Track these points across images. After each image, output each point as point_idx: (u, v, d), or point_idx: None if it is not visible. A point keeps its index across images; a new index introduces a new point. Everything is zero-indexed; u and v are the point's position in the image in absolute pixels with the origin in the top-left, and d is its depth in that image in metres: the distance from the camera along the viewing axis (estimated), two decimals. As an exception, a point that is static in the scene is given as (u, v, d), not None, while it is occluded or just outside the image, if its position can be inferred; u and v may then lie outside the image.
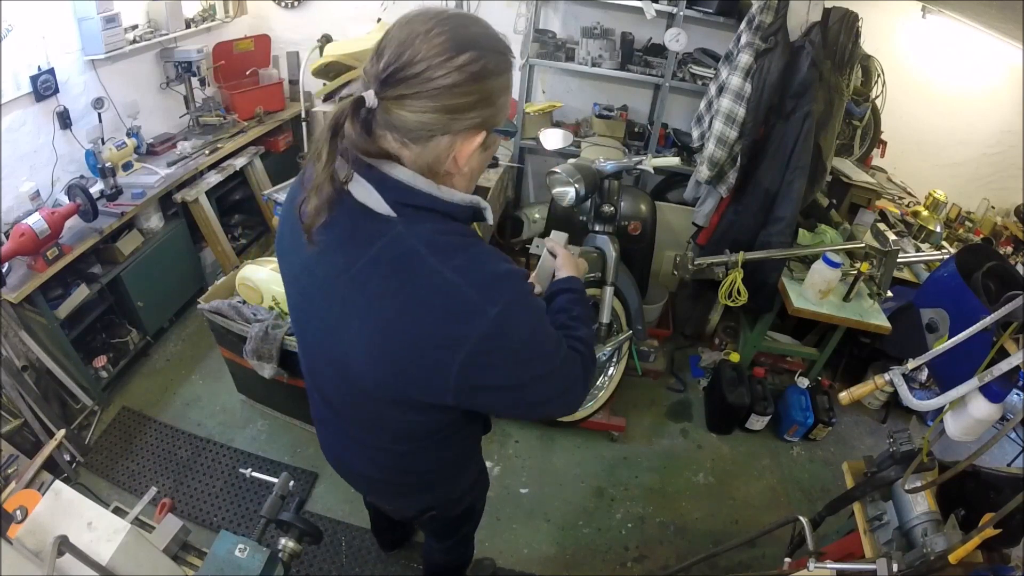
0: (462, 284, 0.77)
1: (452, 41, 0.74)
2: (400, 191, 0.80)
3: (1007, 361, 1.25)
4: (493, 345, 0.80)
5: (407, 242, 0.79)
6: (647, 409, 2.97)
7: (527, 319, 0.84)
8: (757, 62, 2.42)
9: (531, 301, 0.86)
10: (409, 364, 0.82)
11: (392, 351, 0.82)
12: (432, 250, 0.78)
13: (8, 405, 2.17)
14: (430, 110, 0.75)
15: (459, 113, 0.76)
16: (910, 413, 3.10)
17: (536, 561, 2.26)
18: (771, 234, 2.58)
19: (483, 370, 0.82)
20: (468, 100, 0.76)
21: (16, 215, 2.31)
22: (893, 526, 1.54)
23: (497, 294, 0.79)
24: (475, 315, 0.77)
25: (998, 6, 2.30)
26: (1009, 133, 3.29)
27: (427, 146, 0.79)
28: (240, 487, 2.36)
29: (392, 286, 0.79)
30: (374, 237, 0.80)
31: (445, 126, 0.77)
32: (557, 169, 1.92)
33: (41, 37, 2.41)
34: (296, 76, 3.71)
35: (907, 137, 3.45)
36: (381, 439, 1.07)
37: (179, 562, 1.33)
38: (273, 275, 2.32)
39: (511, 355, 0.82)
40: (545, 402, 0.93)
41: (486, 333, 0.78)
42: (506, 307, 0.79)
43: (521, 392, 0.88)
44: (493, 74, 0.78)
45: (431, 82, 0.73)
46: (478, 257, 0.82)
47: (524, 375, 0.86)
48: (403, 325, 0.80)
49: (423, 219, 0.81)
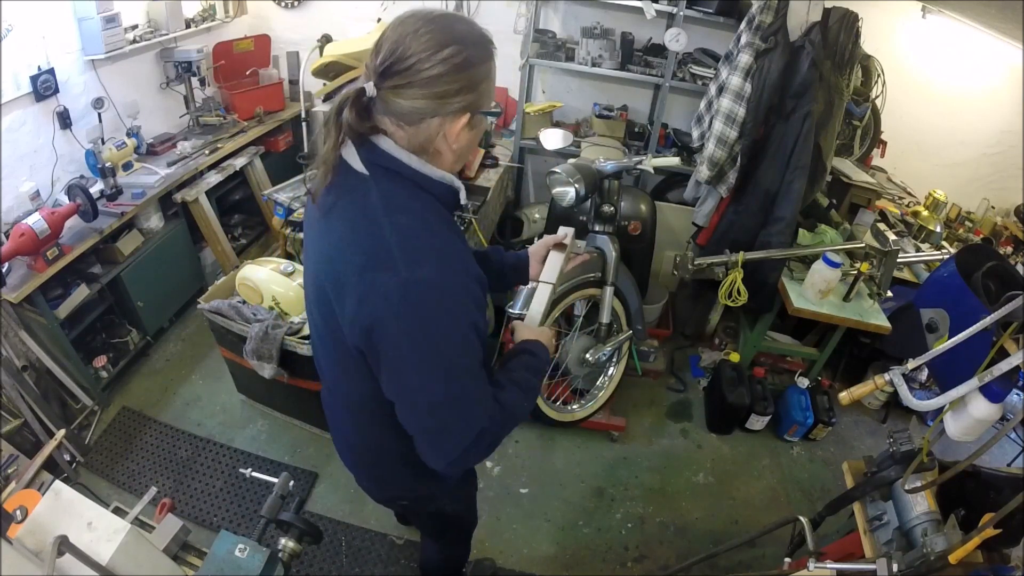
0: (392, 239, 0.89)
1: (437, 38, 0.87)
2: (376, 153, 0.94)
3: (1007, 361, 1.25)
4: (394, 306, 0.87)
5: (368, 193, 0.93)
6: (647, 409, 2.97)
7: (439, 311, 0.89)
8: (757, 62, 2.42)
9: (452, 292, 0.91)
10: (334, 289, 0.94)
11: (329, 272, 0.96)
12: (385, 203, 0.92)
13: (8, 405, 2.17)
14: (421, 97, 0.89)
15: (446, 98, 0.90)
16: (910, 413, 3.10)
17: (536, 561, 2.26)
18: (771, 234, 2.58)
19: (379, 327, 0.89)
20: (453, 87, 0.89)
21: (16, 215, 2.32)
22: (893, 526, 1.54)
23: (417, 260, 0.88)
24: (389, 270, 0.87)
25: (998, 6, 2.30)
26: (1009, 133, 3.29)
27: (419, 127, 0.92)
28: (240, 487, 2.36)
29: (344, 224, 0.94)
30: (347, 188, 0.95)
31: (434, 110, 0.90)
32: (557, 169, 1.91)
33: (41, 37, 2.41)
34: (296, 76, 3.71)
35: (907, 137, 3.45)
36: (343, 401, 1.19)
37: (179, 562, 1.33)
38: (273, 275, 2.32)
39: (406, 333, 0.88)
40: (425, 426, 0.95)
41: (393, 291, 0.86)
42: (420, 279, 0.87)
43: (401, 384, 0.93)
44: (474, 64, 0.90)
45: (421, 73, 0.87)
46: (423, 226, 0.93)
47: (410, 362, 0.90)
48: (341, 254, 0.93)
49: (392, 180, 0.94)
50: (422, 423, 0.96)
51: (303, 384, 2.32)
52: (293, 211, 2.65)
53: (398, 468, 1.22)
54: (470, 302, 0.94)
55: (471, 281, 0.96)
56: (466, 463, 0.98)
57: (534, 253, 1.46)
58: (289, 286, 2.30)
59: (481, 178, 3.21)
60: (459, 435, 0.94)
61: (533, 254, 1.46)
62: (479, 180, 3.18)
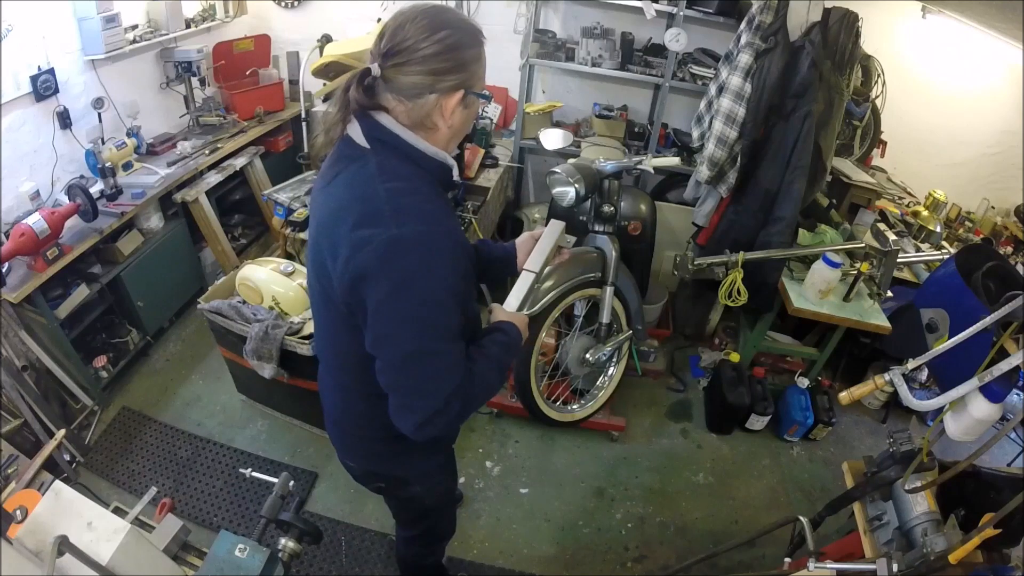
0: (384, 200, 0.98)
1: (432, 22, 0.99)
2: (376, 128, 1.03)
3: (1007, 361, 1.25)
4: (380, 263, 0.95)
5: (367, 163, 1.03)
6: (647, 409, 2.97)
7: (418, 262, 0.96)
8: (757, 62, 2.42)
9: (437, 251, 0.99)
10: (329, 248, 1.03)
11: (326, 236, 1.04)
12: (381, 172, 1.01)
13: (8, 405, 2.17)
14: (418, 73, 0.99)
15: (441, 75, 1.00)
16: (910, 413, 3.10)
17: (536, 561, 2.26)
18: (771, 234, 2.58)
19: (366, 278, 0.97)
20: (446, 64, 1.00)
21: (16, 215, 2.31)
22: (893, 526, 1.54)
23: (406, 221, 0.96)
24: (379, 225, 0.96)
25: (998, 6, 2.30)
26: (1009, 133, 3.29)
27: (417, 102, 1.02)
28: (240, 487, 2.36)
29: (343, 189, 1.04)
30: (349, 160, 1.05)
31: (430, 86, 1.00)
32: (557, 169, 1.92)
33: (41, 37, 2.41)
34: (296, 76, 3.71)
35: (907, 137, 3.45)
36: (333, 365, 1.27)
37: (179, 562, 1.33)
38: (273, 275, 2.33)
39: (392, 283, 0.96)
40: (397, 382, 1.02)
41: (380, 244, 0.95)
42: (408, 236, 0.95)
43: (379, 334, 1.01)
44: (465, 46, 1.02)
45: (418, 51, 0.98)
46: (414, 192, 1.01)
47: (389, 311, 0.98)
48: (337, 217, 1.02)
49: (390, 153, 1.03)
50: (396, 379, 1.02)
51: (303, 384, 2.31)
52: (293, 211, 2.65)
53: (377, 442, 1.28)
54: (452, 266, 1.01)
55: (456, 247, 1.03)
56: (435, 428, 1.02)
57: (521, 244, 1.46)
58: (289, 286, 2.30)
59: (481, 178, 3.21)
60: (430, 396, 1.00)
61: (520, 245, 1.46)
62: (479, 180, 3.18)
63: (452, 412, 1.02)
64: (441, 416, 1.01)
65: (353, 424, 1.31)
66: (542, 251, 1.42)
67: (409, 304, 0.97)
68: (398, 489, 1.45)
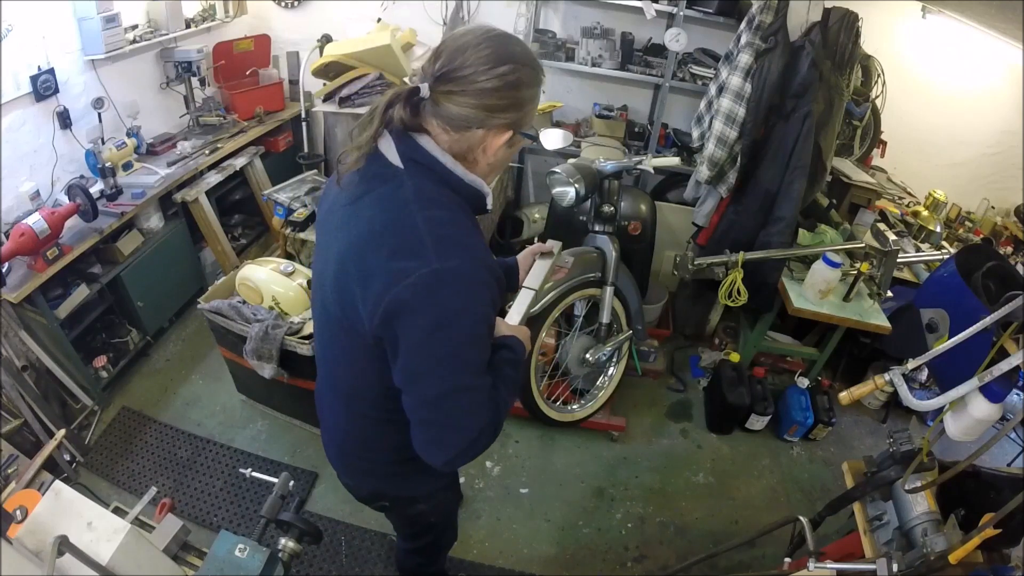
0: (424, 231, 0.91)
1: (496, 54, 0.92)
2: (413, 148, 0.97)
3: (1007, 361, 1.25)
4: (420, 293, 0.89)
5: (401, 186, 0.95)
6: (647, 409, 2.97)
7: (459, 299, 0.91)
8: (757, 62, 2.42)
9: (476, 286, 0.94)
10: (358, 275, 0.95)
11: (356, 262, 0.96)
12: (418, 197, 0.94)
13: (8, 405, 2.17)
14: (471, 106, 0.92)
15: (494, 112, 0.94)
16: (910, 413, 3.10)
17: (536, 561, 2.26)
18: (771, 234, 2.58)
19: (403, 313, 0.90)
20: (502, 103, 0.93)
21: (16, 215, 2.31)
22: (893, 526, 1.54)
23: (448, 255, 0.90)
24: (420, 258, 0.89)
25: (998, 6, 2.30)
26: (1009, 133, 3.29)
27: (464, 135, 0.96)
28: (240, 487, 2.36)
29: (374, 212, 0.96)
30: (380, 179, 0.98)
31: (481, 121, 0.94)
32: (557, 169, 1.91)
33: (41, 37, 2.40)
34: (296, 76, 3.71)
35: (907, 137, 3.44)
36: (341, 387, 1.19)
37: (179, 562, 1.33)
38: (273, 275, 2.32)
39: (431, 320, 0.90)
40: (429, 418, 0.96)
41: (422, 278, 0.88)
42: (450, 270, 0.89)
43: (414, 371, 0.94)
44: (525, 85, 0.95)
45: (475, 84, 0.91)
46: (453, 221, 0.95)
47: (427, 349, 0.92)
48: (369, 244, 0.95)
49: (425, 176, 0.97)
50: (428, 415, 0.97)
51: (303, 384, 2.31)
52: (293, 211, 2.65)
53: (383, 464, 1.25)
54: (489, 299, 0.97)
55: (492, 280, 0.98)
56: (463, 460, 0.99)
57: (522, 261, 1.51)
58: (289, 286, 2.30)
59: (481, 178, 3.20)
60: (463, 431, 0.95)
61: (521, 262, 1.51)
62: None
63: (481, 444, 0.98)
64: (472, 449, 0.97)
65: (361, 448, 1.26)
66: (542, 268, 1.49)
67: (448, 342, 0.92)
68: (404, 508, 1.42)
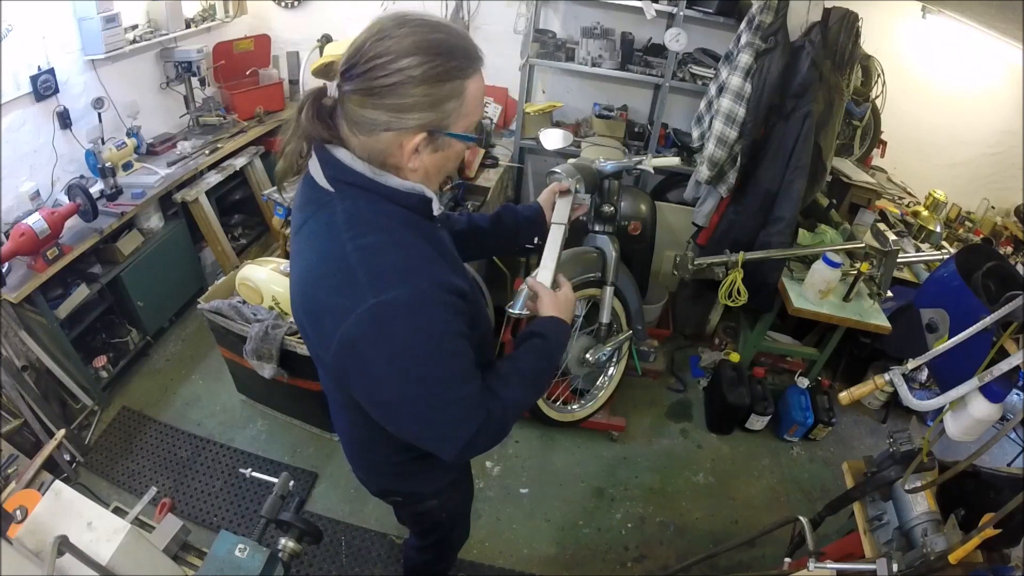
0: (356, 264, 0.83)
1: (402, 45, 0.79)
2: (338, 168, 0.87)
3: (1007, 361, 1.25)
4: (367, 336, 0.82)
5: (334, 213, 0.87)
6: (647, 409, 2.97)
7: (410, 329, 0.83)
8: (757, 62, 2.42)
9: (424, 309, 0.84)
10: (311, 311, 0.90)
11: (302, 301, 0.92)
12: (349, 224, 0.85)
13: (8, 405, 2.17)
14: (372, 107, 0.82)
15: (400, 112, 0.82)
16: (910, 413, 3.10)
17: (536, 561, 2.26)
18: (771, 234, 2.58)
19: (355, 356, 0.84)
20: (408, 101, 0.81)
21: (16, 215, 2.31)
22: (893, 526, 1.54)
23: (384, 286, 0.82)
24: (355, 295, 0.82)
25: (998, 6, 2.30)
26: (1009, 133, 3.29)
27: (372, 138, 0.85)
28: (240, 487, 2.36)
29: (313, 243, 0.89)
30: (316, 205, 0.90)
31: (387, 123, 0.83)
32: (557, 169, 1.91)
33: (41, 37, 2.40)
34: (296, 76, 3.71)
35: (907, 137, 3.44)
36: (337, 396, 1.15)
37: (179, 562, 1.33)
38: (273, 275, 2.32)
39: (386, 353, 0.83)
40: (416, 435, 0.94)
41: (362, 316, 0.81)
42: (389, 303, 0.81)
43: (386, 407, 0.90)
44: (436, 80, 0.81)
45: (375, 80, 0.80)
46: (391, 244, 0.86)
47: (386, 383, 0.86)
48: (309, 282, 0.89)
49: (358, 196, 0.88)
50: (415, 435, 0.94)
51: (303, 384, 2.32)
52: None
53: (389, 464, 1.24)
54: (450, 314, 0.88)
55: (444, 293, 0.87)
56: (475, 452, 0.95)
57: (544, 202, 1.46)
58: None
59: (481, 178, 3.21)
60: (455, 436, 0.91)
61: (544, 202, 1.46)
62: (479, 180, 3.18)
63: (488, 436, 0.93)
64: (478, 443, 0.92)
65: (367, 448, 1.25)
66: (565, 205, 1.45)
67: (411, 369, 0.84)
68: (414, 503, 1.41)
